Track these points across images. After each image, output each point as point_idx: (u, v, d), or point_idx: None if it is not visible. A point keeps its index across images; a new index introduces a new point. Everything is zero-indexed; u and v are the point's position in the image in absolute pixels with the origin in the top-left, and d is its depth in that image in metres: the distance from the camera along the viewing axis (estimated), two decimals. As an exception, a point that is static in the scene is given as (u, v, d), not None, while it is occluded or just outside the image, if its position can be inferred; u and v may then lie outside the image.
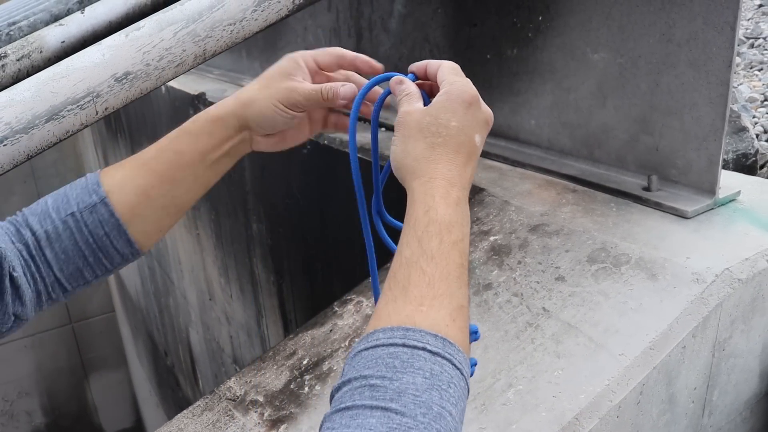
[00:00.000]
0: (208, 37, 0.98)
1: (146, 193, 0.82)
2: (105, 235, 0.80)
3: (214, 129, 0.83)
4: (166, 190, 0.82)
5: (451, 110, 0.70)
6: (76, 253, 0.80)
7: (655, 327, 1.09)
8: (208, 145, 0.82)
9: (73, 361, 6.87)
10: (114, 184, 0.81)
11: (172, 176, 0.82)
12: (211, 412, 1.19)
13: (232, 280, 3.14)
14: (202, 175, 0.84)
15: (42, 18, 1.18)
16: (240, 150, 0.85)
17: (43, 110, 0.86)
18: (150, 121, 3.70)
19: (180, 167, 0.82)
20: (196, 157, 0.82)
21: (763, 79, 3.38)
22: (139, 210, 0.82)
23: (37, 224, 0.79)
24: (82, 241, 0.80)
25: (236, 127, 0.83)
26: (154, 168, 0.82)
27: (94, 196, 0.80)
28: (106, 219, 0.80)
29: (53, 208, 0.80)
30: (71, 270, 0.81)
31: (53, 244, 0.79)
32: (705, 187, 1.37)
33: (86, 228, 0.80)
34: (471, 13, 1.81)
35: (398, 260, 0.64)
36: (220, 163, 0.84)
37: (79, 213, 0.80)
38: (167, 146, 0.83)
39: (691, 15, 1.30)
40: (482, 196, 1.53)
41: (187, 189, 0.84)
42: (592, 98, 1.54)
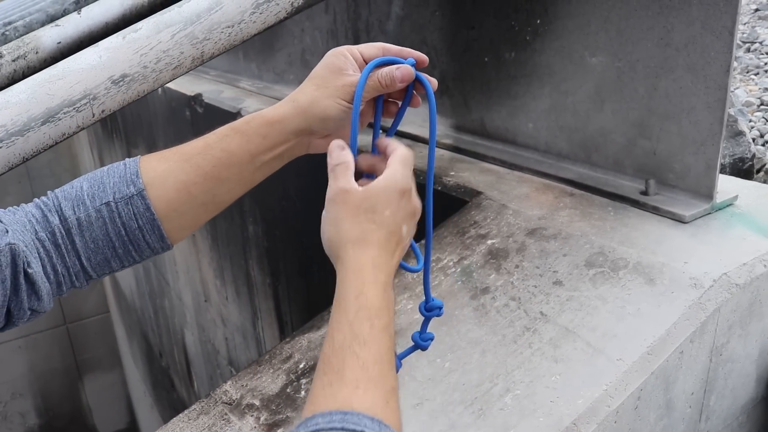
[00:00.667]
0: (206, 40, 0.97)
1: (188, 190, 0.79)
2: (138, 228, 0.78)
3: (269, 132, 0.80)
4: (208, 188, 0.80)
5: (387, 199, 0.71)
6: (106, 244, 0.78)
7: (653, 332, 1.09)
8: (261, 147, 0.80)
9: (67, 362, 6.84)
10: (155, 177, 0.79)
11: (217, 174, 0.79)
12: (207, 416, 1.18)
13: (228, 282, 3.13)
14: (249, 175, 0.81)
15: (38, 18, 1.17)
16: (293, 153, 0.83)
17: (39, 112, 0.85)
18: (146, 121, 3.69)
19: (227, 166, 0.79)
20: (246, 158, 0.80)
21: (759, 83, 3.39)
22: (177, 206, 0.79)
23: (69, 210, 0.77)
24: (114, 232, 0.77)
25: (295, 131, 0.80)
26: (200, 164, 0.79)
27: (132, 188, 0.77)
28: (142, 212, 0.78)
29: (88, 195, 0.77)
30: (99, 259, 0.79)
31: (84, 232, 0.77)
32: (702, 192, 1.37)
33: (120, 219, 0.77)
34: (469, 16, 1.81)
35: (330, 345, 0.65)
36: (269, 164, 0.82)
37: (114, 203, 0.77)
38: (215, 144, 0.80)
39: (689, 19, 1.30)
40: (480, 199, 1.53)
41: (230, 188, 0.81)
42: (590, 102, 1.54)
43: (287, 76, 2.84)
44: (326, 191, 0.74)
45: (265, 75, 3.04)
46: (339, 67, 0.78)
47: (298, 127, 0.79)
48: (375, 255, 0.69)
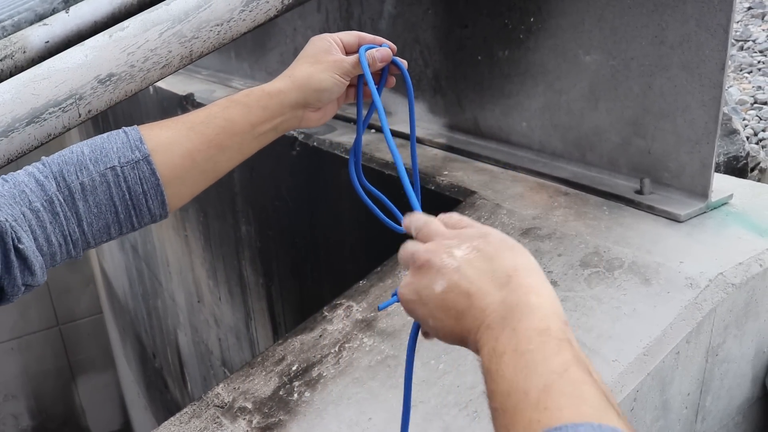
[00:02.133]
0: (194, 38, 0.96)
1: (191, 156, 0.83)
2: (143, 192, 0.80)
3: (269, 103, 0.86)
4: (210, 155, 0.84)
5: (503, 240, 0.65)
6: (109, 208, 0.79)
7: (649, 333, 1.08)
8: (261, 118, 0.86)
9: (60, 363, 6.80)
10: (160, 144, 0.81)
11: (220, 142, 0.84)
12: (199, 419, 1.17)
13: (221, 283, 3.12)
14: (247, 144, 0.87)
15: (27, 17, 1.15)
16: (287, 126, 0.90)
17: (23, 113, 0.83)
18: (138, 121, 3.64)
19: (229, 135, 0.84)
20: (246, 128, 0.85)
21: (752, 81, 3.39)
22: (181, 172, 0.82)
23: (72, 175, 0.77)
24: (118, 196, 0.79)
25: (292, 104, 0.87)
26: (204, 132, 0.83)
27: (137, 153, 0.79)
28: (147, 177, 0.79)
29: (91, 160, 0.78)
30: (100, 225, 0.79)
31: (87, 197, 0.77)
32: (698, 191, 1.36)
33: (125, 183, 0.79)
34: (462, 14, 1.80)
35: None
36: (266, 135, 0.88)
37: (120, 167, 0.78)
38: (218, 113, 0.85)
39: (684, 17, 1.29)
40: (473, 199, 1.52)
41: (230, 156, 0.86)
42: (584, 100, 1.53)
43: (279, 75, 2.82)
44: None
45: (257, 74, 3.02)
46: (326, 48, 0.89)
47: (295, 99, 0.87)
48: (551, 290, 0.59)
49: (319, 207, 2.16)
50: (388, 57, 0.92)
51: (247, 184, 2.61)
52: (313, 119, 0.92)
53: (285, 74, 0.89)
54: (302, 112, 0.89)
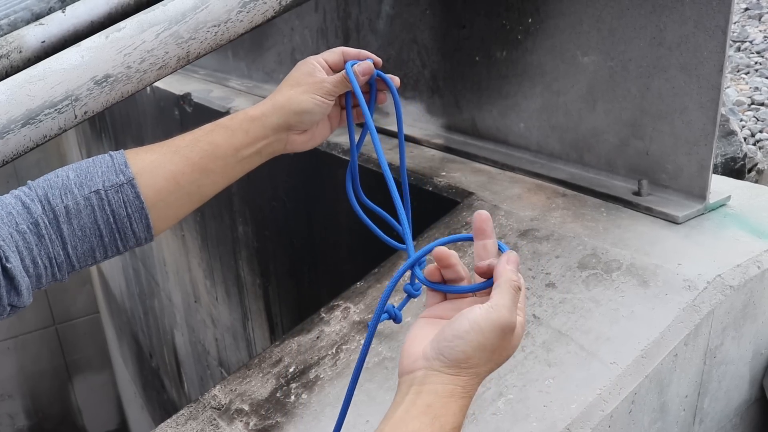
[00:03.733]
0: (191, 39, 0.95)
1: (176, 179, 0.83)
2: (127, 216, 0.80)
3: (251, 127, 0.87)
4: (195, 179, 0.85)
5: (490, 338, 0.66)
6: (94, 232, 0.79)
7: (647, 335, 1.08)
8: (243, 142, 0.87)
9: (56, 363, 6.79)
10: (144, 167, 0.82)
11: (204, 166, 0.85)
12: (195, 421, 1.16)
13: (218, 283, 3.11)
14: (231, 168, 0.88)
15: (23, 17, 1.15)
16: (271, 150, 0.90)
17: (19, 114, 0.82)
18: (135, 121, 3.65)
19: (213, 158, 0.85)
20: (230, 151, 0.86)
21: (750, 82, 3.39)
22: (165, 195, 0.83)
23: (57, 198, 0.77)
24: (102, 219, 0.79)
25: (274, 127, 0.88)
26: (188, 156, 0.84)
27: (122, 176, 0.80)
28: (131, 200, 0.80)
29: (76, 184, 0.78)
30: (84, 249, 0.79)
31: (72, 220, 0.77)
32: (695, 192, 1.36)
33: (109, 207, 0.79)
34: (460, 15, 1.80)
35: None
36: (250, 159, 0.89)
37: (104, 191, 0.79)
38: (202, 137, 0.86)
39: (682, 18, 1.29)
40: (471, 200, 1.52)
41: (214, 180, 0.87)
42: (582, 101, 1.52)
43: (277, 75, 2.82)
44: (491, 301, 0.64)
45: (254, 74, 3.01)
46: (309, 71, 0.90)
47: (276, 122, 0.88)
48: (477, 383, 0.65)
49: (317, 207, 2.15)
50: (370, 70, 0.90)
51: (244, 185, 2.61)
52: (299, 142, 0.92)
53: (269, 98, 0.90)
54: (286, 136, 0.90)
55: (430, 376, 0.61)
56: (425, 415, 0.59)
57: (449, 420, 0.60)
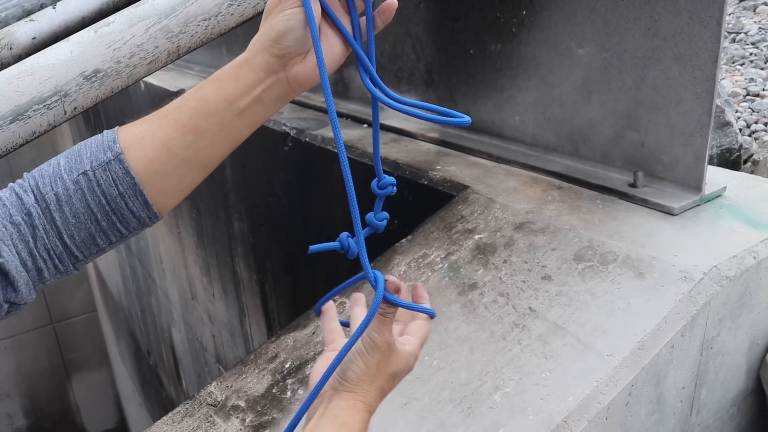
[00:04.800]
0: (181, 33, 0.94)
1: (166, 146, 0.75)
2: (119, 195, 0.74)
3: (239, 73, 0.76)
4: (188, 142, 0.76)
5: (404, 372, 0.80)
6: (88, 217, 0.74)
7: (644, 326, 1.07)
8: (235, 91, 0.76)
9: (54, 361, 6.78)
10: (131, 139, 0.75)
11: (194, 126, 0.76)
12: (192, 418, 1.16)
13: (215, 279, 3.10)
14: (228, 124, 0.77)
15: (14, 13, 1.14)
16: (275, 94, 0.77)
17: (7, 110, 0.81)
18: (129, 117, 3.63)
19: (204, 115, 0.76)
20: (222, 105, 0.76)
21: (745, 73, 3.39)
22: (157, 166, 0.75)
23: (47, 186, 0.73)
24: (94, 202, 0.74)
25: (265, 66, 0.76)
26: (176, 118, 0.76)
27: (109, 153, 0.74)
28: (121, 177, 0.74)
29: (65, 169, 0.74)
30: (83, 236, 0.75)
31: (63, 207, 0.73)
32: (691, 183, 1.35)
33: (99, 188, 0.73)
34: (454, 8, 1.79)
35: None
36: (250, 111, 0.77)
37: (92, 171, 0.73)
38: (191, 95, 0.77)
39: (676, 9, 1.28)
40: (467, 193, 1.51)
41: (211, 141, 0.77)
42: (577, 94, 1.52)
43: (271, 70, 2.80)
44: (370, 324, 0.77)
45: (249, 69, 3.00)
46: None
47: (264, 60, 0.76)
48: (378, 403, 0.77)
49: (312, 203, 2.15)
50: None
51: (239, 180, 2.60)
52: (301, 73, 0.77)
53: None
54: (284, 73, 0.77)
55: (335, 395, 0.75)
56: (334, 423, 0.72)
57: (356, 427, 0.73)
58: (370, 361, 0.76)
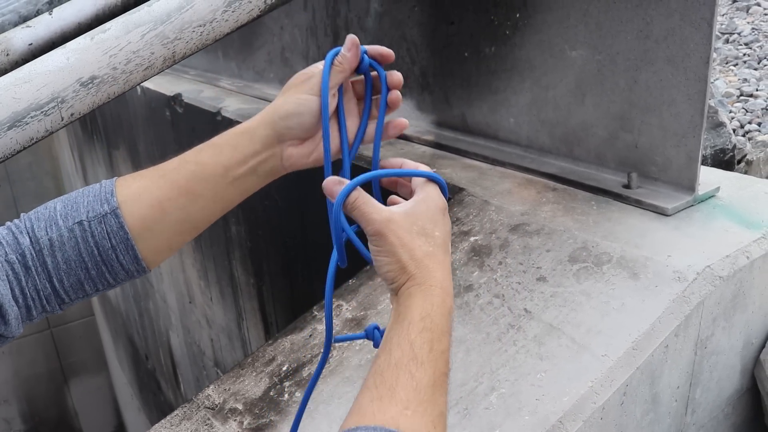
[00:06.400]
0: (177, 39, 0.95)
1: (161, 206, 0.77)
2: (111, 248, 0.76)
3: (239, 142, 0.78)
4: (182, 204, 0.78)
5: (433, 220, 0.72)
6: (79, 264, 0.76)
7: (638, 327, 1.08)
8: (232, 159, 0.78)
9: (52, 366, 6.77)
10: (129, 195, 0.77)
11: (190, 189, 0.78)
12: (190, 421, 1.16)
13: (212, 283, 3.11)
14: (222, 191, 0.79)
15: (10, 19, 1.14)
16: (268, 168, 0.81)
17: (4, 117, 0.82)
18: (126, 122, 3.65)
19: (200, 180, 0.78)
20: (218, 171, 0.78)
21: (738, 74, 3.41)
22: (151, 223, 0.77)
23: (42, 230, 0.75)
24: (86, 251, 0.76)
25: (264, 140, 0.79)
26: (173, 179, 0.78)
27: (106, 206, 0.76)
28: (115, 231, 0.76)
29: (61, 215, 0.76)
30: (72, 281, 0.77)
31: (56, 252, 0.75)
32: (685, 184, 1.36)
33: (92, 238, 0.75)
34: (448, 11, 1.80)
35: (387, 360, 0.64)
36: (244, 180, 0.80)
37: (87, 222, 0.75)
38: (190, 158, 0.79)
39: (668, 11, 1.29)
40: (462, 195, 1.52)
41: (203, 205, 0.79)
42: (571, 96, 1.53)
43: (267, 74, 2.81)
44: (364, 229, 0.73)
45: (245, 74, 3.01)
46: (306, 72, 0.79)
47: (265, 133, 0.78)
48: (441, 276, 0.70)
49: (309, 206, 2.16)
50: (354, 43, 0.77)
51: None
52: (296, 156, 0.80)
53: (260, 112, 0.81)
54: (280, 149, 0.79)
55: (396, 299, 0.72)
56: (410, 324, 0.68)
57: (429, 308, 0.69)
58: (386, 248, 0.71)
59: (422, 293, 0.68)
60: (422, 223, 0.71)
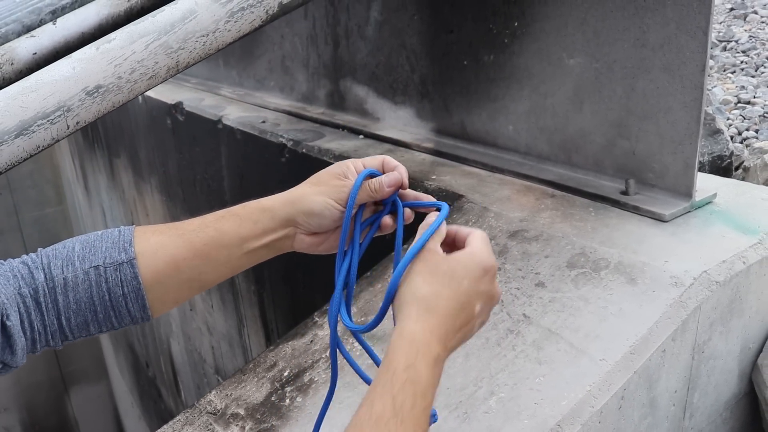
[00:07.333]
0: (180, 49, 0.97)
1: (176, 263, 0.81)
2: (123, 295, 0.79)
3: (260, 218, 0.83)
4: (195, 265, 0.82)
5: (468, 270, 0.71)
6: (89, 306, 0.79)
7: (636, 331, 1.09)
8: (251, 232, 0.82)
9: (52, 374, 6.77)
10: (146, 248, 0.80)
11: (206, 252, 0.81)
12: (192, 426, 1.17)
13: (213, 290, 3.12)
14: (235, 259, 0.83)
15: (14, 29, 1.16)
16: (281, 245, 0.85)
17: (12, 125, 0.84)
18: (127, 130, 3.66)
19: (217, 246, 0.82)
20: (236, 241, 0.82)
21: (736, 81, 3.43)
22: (164, 278, 0.81)
23: (58, 269, 0.78)
24: (98, 295, 0.78)
25: (282, 221, 0.83)
26: (192, 240, 0.81)
27: (123, 255, 0.79)
28: (129, 280, 0.79)
29: (79, 257, 0.79)
30: (78, 321, 0.79)
31: (68, 292, 0.78)
32: (682, 190, 1.38)
33: (106, 284, 0.78)
34: (447, 20, 1.82)
35: (368, 412, 0.63)
36: (256, 252, 0.84)
37: (103, 267, 0.78)
38: (211, 223, 0.83)
39: (664, 20, 1.31)
40: (461, 202, 1.53)
41: (215, 269, 0.83)
42: (569, 103, 1.54)
43: (268, 82, 2.83)
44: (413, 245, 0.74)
45: (245, 82, 3.03)
46: (339, 173, 0.82)
47: (285, 216, 0.82)
48: (437, 324, 0.69)
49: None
50: (397, 182, 0.81)
51: (237, 192, 2.62)
52: (306, 243, 0.85)
53: (287, 191, 0.85)
54: (293, 232, 0.84)
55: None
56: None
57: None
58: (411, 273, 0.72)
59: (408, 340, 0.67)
60: (454, 267, 0.71)
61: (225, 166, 2.65)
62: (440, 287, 0.70)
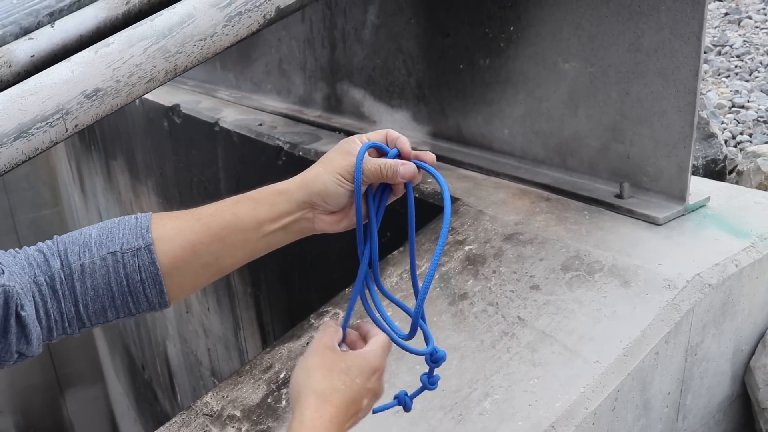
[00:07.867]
0: (178, 53, 0.97)
1: (194, 248, 0.82)
2: (140, 281, 0.80)
3: (277, 200, 0.83)
4: (213, 249, 0.82)
5: (361, 370, 0.78)
6: (106, 292, 0.79)
7: (629, 333, 1.10)
8: (268, 215, 0.83)
9: (47, 376, 6.75)
10: (164, 234, 0.81)
11: (223, 236, 0.82)
12: (188, 428, 1.18)
13: (209, 293, 3.12)
14: (253, 243, 0.84)
15: (11, 31, 1.16)
16: (299, 227, 0.85)
17: (11, 128, 0.84)
18: (124, 132, 3.67)
19: (234, 230, 0.82)
20: (252, 224, 0.83)
21: (730, 85, 3.45)
22: (181, 263, 0.81)
23: (75, 255, 0.78)
24: (115, 281, 0.79)
25: (299, 202, 0.83)
26: (209, 225, 0.82)
27: (141, 241, 0.79)
28: (147, 266, 0.79)
29: (96, 243, 0.79)
30: (96, 308, 0.80)
31: (86, 278, 0.78)
32: (675, 194, 1.39)
33: (124, 270, 0.79)
34: (444, 24, 1.83)
35: None
36: (274, 235, 0.84)
37: (121, 253, 0.79)
38: (227, 208, 0.84)
39: (658, 25, 1.32)
40: (457, 205, 1.54)
41: (233, 253, 0.84)
42: (564, 107, 1.56)
43: (265, 85, 2.84)
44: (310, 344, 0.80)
45: (242, 85, 3.04)
46: (348, 150, 0.82)
47: (301, 198, 0.83)
48: (333, 414, 0.74)
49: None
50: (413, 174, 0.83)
51: (233, 194, 2.61)
52: (326, 223, 0.85)
53: (301, 173, 0.85)
54: (312, 214, 0.84)
55: None
56: None
57: None
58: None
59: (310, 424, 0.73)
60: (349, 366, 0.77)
61: (222, 169, 2.65)
62: (337, 382, 0.76)
